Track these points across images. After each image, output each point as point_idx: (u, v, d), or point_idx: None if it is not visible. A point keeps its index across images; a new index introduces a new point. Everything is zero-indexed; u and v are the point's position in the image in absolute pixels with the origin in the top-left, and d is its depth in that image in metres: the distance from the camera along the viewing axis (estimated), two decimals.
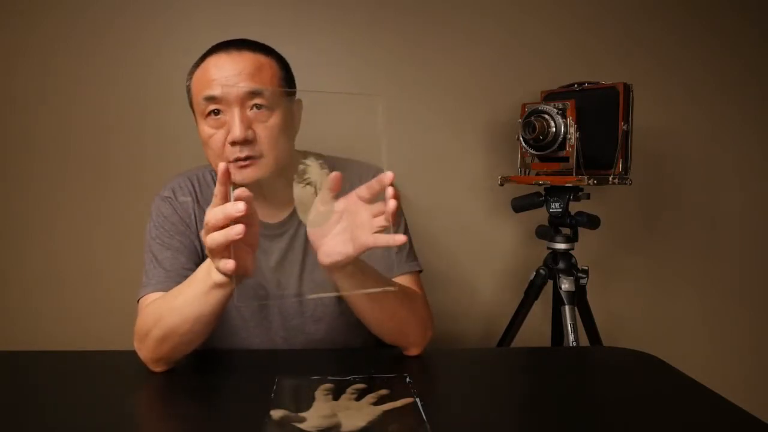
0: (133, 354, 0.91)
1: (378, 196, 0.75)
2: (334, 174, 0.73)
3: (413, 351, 0.99)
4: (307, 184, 0.72)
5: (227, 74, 0.92)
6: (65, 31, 1.67)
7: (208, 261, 0.82)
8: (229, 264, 0.71)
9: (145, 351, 0.90)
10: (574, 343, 1.39)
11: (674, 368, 0.92)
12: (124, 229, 1.69)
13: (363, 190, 0.76)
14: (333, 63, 1.72)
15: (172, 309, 0.87)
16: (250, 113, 0.93)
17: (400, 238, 0.72)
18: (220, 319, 0.88)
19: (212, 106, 0.94)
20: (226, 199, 0.71)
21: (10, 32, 1.66)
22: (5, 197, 1.71)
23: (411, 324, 0.97)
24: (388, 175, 0.71)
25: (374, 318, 0.95)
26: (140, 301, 0.98)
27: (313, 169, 0.72)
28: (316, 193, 0.72)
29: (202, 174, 1.09)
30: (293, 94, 1.00)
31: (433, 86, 1.74)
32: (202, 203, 1.06)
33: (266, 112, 0.94)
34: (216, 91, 0.92)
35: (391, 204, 0.71)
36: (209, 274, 0.81)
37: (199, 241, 1.04)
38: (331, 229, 0.78)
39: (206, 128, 0.95)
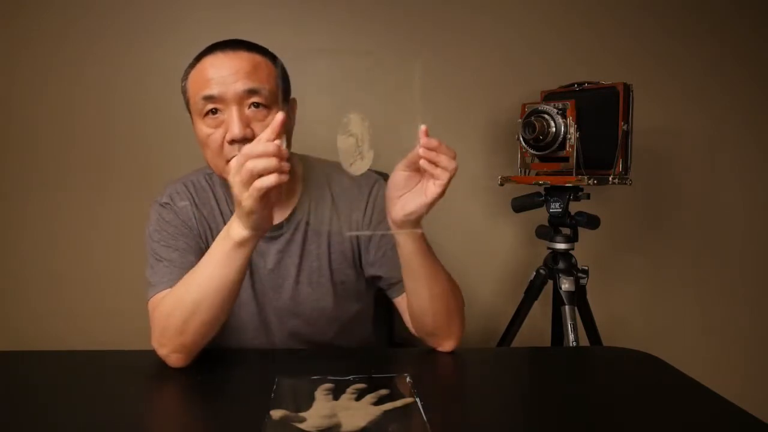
0: (132, 354, 0.91)
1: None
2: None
3: (449, 344, 0.99)
4: (350, 135, 0.78)
5: (225, 73, 0.93)
6: (65, 32, 1.67)
7: (224, 228, 0.86)
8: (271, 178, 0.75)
9: (167, 342, 0.88)
10: (574, 343, 1.39)
11: (674, 368, 0.92)
12: (125, 230, 1.69)
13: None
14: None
15: (192, 285, 0.87)
16: (248, 112, 0.94)
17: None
18: (239, 292, 0.89)
19: (210, 105, 0.94)
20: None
21: (10, 32, 1.66)
22: (5, 197, 1.71)
23: (456, 310, 0.99)
24: (422, 129, 0.80)
25: (428, 296, 0.95)
26: (151, 300, 0.96)
27: (354, 121, 0.78)
28: (357, 143, 0.78)
29: (197, 179, 1.10)
30: (283, 82, 1.00)
31: (433, 86, 1.74)
32: (200, 206, 1.06)
33: (264, 110, 0.95)
34: (214, 90, 0.93)
35: (421, 151, 0.79)
36: (228, 236, 0.84)
37: (203, 243, 1.04)
38: (408, 189, 0.85)
39: (204, 128, 0.96)
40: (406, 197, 0.85)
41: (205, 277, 0.86)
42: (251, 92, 0.93)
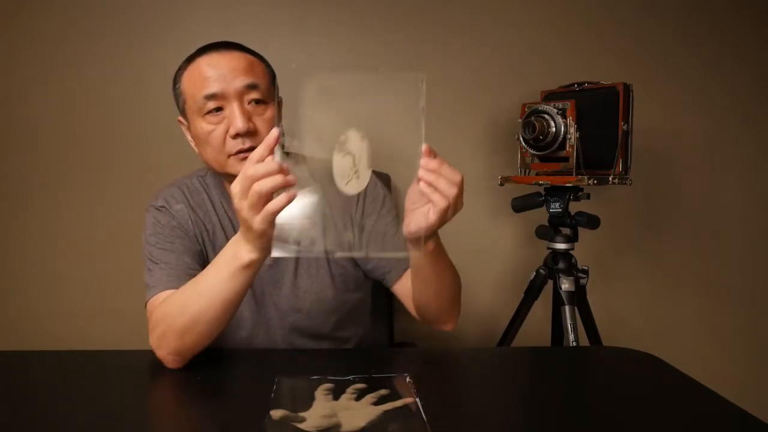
0: (132, 354, 0.91)
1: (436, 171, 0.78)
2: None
3: (450, 326, 1.05)
4: (347, 153, 0.74)
5: (224, 71, 0.96)
6: (65, 32, 1.67)
7: (230, 244, 0.84)
8: (282, 199, 0.74)
9: (166, 345, 0.88)
10: (574, 343, 1.39)
11: (674, 368, 0.92)
12: (125, 230, 1.69)
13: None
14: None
15: (198, 296, 0.87)
16: (248, 107, 0.97)
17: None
18: (241, 303, 0.89)
19: (212, 104, 0.96)
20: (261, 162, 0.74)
21: (10, 32, 1.66)
22: (6, 197, 1.71)
23: (458, 297, 1.04)
24: (424, 148, 0.77)
25: (435, 294, 0.99)
26: (149, 302, 0.97)
27: (353, 140, 0.74)
28: (354, 163, 0.75)
29: (190, 181, 1.11)
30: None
31: (433, 86, 1.71)
32: (195, 208, 1.07)
33: (263, 105, 0.98)
34: (215, 88, 0.95)
35: (420, 172, 0.77)
36: (236, 257, 0.82)
37: (200, 245, 1.04)
38: (421, 204, 0.81)
39: (205, 125, 0.97)
40: (414, 214, 0.82)
41: (210, 291, 0.86)
42: (251, 87, 0.96)
